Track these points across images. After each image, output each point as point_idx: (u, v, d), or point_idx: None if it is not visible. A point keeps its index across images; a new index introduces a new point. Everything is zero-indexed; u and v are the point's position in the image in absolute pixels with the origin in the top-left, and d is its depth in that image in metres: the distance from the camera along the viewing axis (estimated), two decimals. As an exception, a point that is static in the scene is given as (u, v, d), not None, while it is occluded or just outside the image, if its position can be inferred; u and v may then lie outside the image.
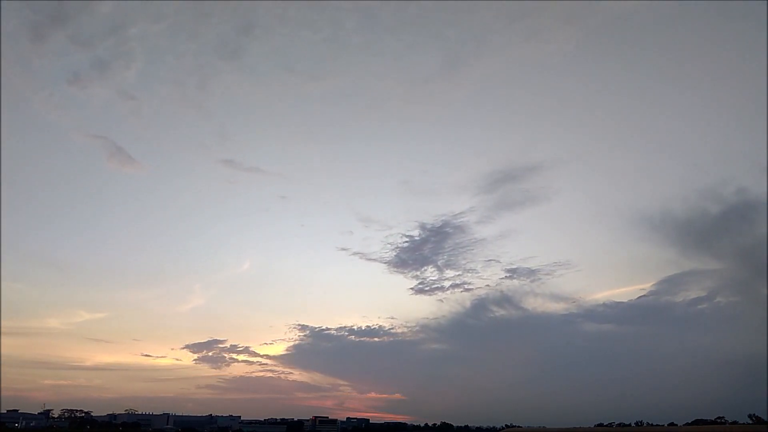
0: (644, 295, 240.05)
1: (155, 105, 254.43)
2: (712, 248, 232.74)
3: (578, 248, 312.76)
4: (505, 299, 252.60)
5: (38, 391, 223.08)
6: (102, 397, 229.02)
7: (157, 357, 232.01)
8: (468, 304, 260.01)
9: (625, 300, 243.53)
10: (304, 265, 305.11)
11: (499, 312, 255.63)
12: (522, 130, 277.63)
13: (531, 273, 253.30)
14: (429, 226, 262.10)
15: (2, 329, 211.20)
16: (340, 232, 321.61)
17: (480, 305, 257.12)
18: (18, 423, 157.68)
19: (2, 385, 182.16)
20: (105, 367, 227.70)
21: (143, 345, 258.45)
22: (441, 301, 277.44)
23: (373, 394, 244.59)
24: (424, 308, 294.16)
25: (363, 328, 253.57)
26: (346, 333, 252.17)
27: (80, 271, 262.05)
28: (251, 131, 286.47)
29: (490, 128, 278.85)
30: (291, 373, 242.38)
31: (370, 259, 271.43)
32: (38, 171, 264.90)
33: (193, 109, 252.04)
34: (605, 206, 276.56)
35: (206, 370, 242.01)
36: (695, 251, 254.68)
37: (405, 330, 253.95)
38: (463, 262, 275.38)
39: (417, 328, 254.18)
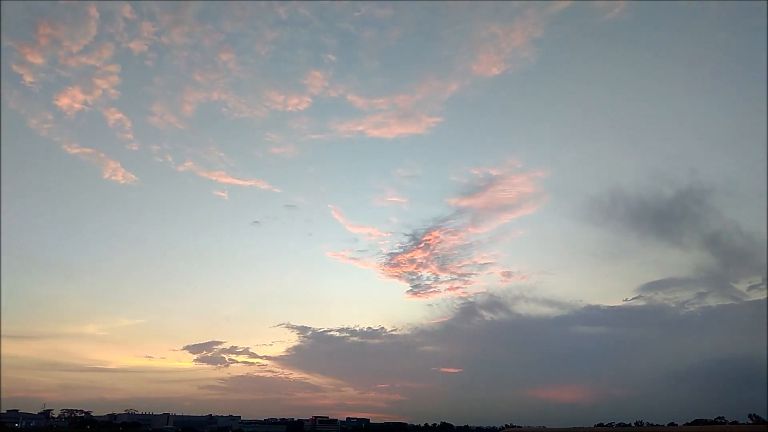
0: (635, 297, 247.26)
1: (144, 119, 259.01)
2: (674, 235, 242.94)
3: (564, 252, 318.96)
4: (499, 303, 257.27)
5: (49, 392, 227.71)
6: (102, 398, 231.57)
7: (159, 358, 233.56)
8: (465, 307, 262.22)
9: (614, 304, 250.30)
10: (303, 270, 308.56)
11: (496, 315, 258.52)
12: (496, 140, 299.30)
13: (523, 277, 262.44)
14: (422, 232, 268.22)
15: (33, 334, 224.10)
16: (337, 237, 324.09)
17: (476, 308, 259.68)
18: (18, 423, 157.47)
19: (14, 386, 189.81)
20: (125, 370, 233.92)
21: (149, 347, 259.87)
22: (438, 304, 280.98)
23: (373, 394, 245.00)
24: (422, 311, 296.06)
25: (364, 330, 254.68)
26: (347, 334, 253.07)
27: (123, 282, 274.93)
28: (242, 144, 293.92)
29: (466, 140, 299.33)
30: (291, 373, 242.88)
31: (367, 264, 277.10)
32: (47, 187, 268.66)
33: (181, 122, 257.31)
34: (582, 206, 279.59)
35: (206, 371, 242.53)
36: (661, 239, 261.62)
37: (404, 332, 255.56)
38: (458, 266, 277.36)
39: (415, 330, 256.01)
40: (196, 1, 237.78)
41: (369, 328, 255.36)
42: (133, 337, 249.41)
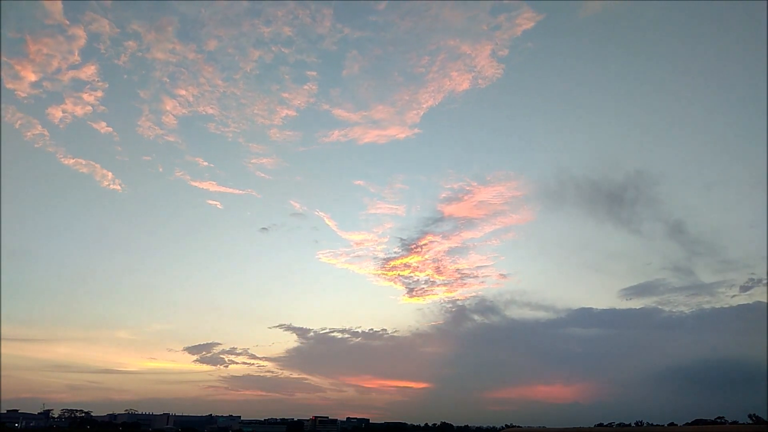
0: (629, 299, 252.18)
1: (132, 131, 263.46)
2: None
3: (552, 254, 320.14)
4: (494, 306, 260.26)
5: (56, 393, 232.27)
6: (109, 398, 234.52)
7: (161, 359, 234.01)
8: (462, 309, 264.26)
9: (608, 306, 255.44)
10: (301, 273, 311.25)
11: (491, 318, 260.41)
12: (483, 147, 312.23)
13: (518, 281, 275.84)
14: (416, 237, 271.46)
15: (60, 337, 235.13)
16: (333, 243, 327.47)
17: (474, 311, 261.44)
18: (18, 423, 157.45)
19: (21, 387, 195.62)
20: (132, 372, 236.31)
21: (156, 349, 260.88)
22: (436, 306, 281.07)
23: (373, 395, 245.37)
24: (420, 314, 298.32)
25: (366, 331, 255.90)
26: (349, 336, 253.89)
27: (157, 291, 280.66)
28: (230, 156, 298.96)
29: (453, 147, 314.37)
30: (291, 373, 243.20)
31: (364, 269, 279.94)
32: (49, 198, 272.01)
33: (169, 135, 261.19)
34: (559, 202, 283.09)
35: (206, 371, 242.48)
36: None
37: (404, 333, 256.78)
38: (453, 269, 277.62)
39: (415, 332, 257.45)
40: (181, 11, 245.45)
41: (371, 329, 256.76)
42: (146, 340, 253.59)
